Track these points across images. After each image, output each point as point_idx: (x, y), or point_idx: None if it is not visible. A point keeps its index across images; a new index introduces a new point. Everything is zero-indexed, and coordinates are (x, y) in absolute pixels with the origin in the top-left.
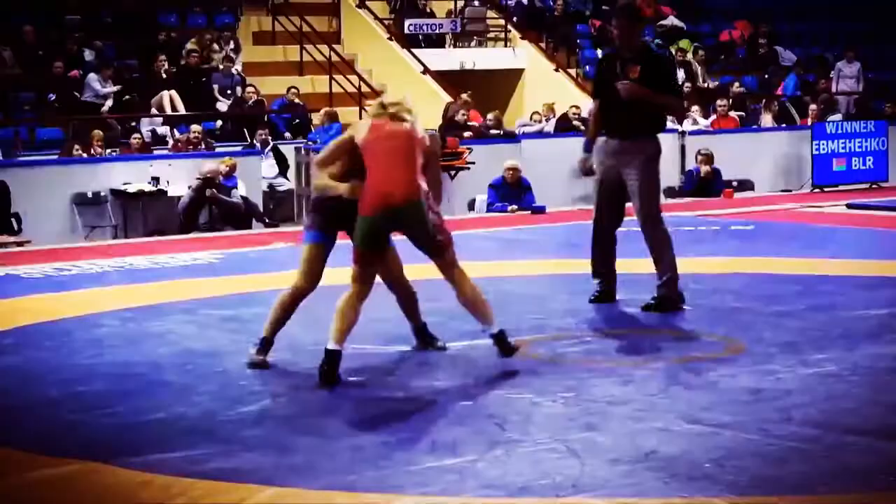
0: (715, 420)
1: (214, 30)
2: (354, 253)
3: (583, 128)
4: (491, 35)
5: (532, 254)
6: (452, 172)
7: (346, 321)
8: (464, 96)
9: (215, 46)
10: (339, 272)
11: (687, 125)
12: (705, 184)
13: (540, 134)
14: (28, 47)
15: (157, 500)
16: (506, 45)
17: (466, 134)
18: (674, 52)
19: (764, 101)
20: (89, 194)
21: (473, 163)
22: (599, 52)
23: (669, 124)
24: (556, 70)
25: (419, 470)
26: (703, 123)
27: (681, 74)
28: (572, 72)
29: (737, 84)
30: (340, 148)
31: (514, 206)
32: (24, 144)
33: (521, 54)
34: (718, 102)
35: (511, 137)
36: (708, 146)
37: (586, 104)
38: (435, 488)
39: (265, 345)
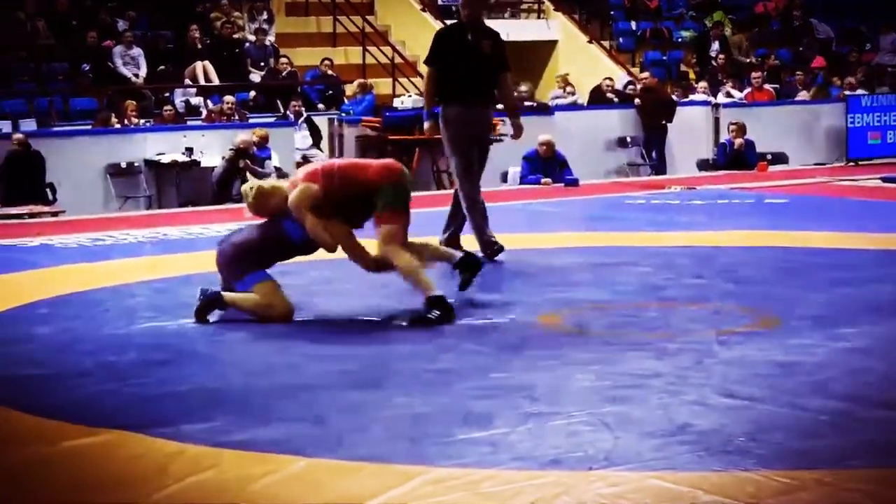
0: (747, 393)
1: (247, 0)
2: (390, 215)
3: (616, 100)
4: (524, 6)
5: (563, 226)
6: None
7: (421, 271)
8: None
9: (236, 14)
10: None
11: (721, 98)
12: (739, 156)
13: (573, 106)
14: (62, 18)
15: (188, 470)
16: (539, 17)
17: (499, 106)
18: (708, 25)
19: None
20: (123, 165)
21: (506, 135)
22: (633, 25)
23: (703, 97)
24: (590, 42)
25: (451, 442)
26: (738, 96)
27: (715, 47)
28: (606, 44)
29: (772, 57)
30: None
31: (548, 179)
32: (58, 115)
33: (554, 26)
34: (753, 75)
35: (544, 110)
36: (742, 119)
37: (620, 76)
38: (467, 460)
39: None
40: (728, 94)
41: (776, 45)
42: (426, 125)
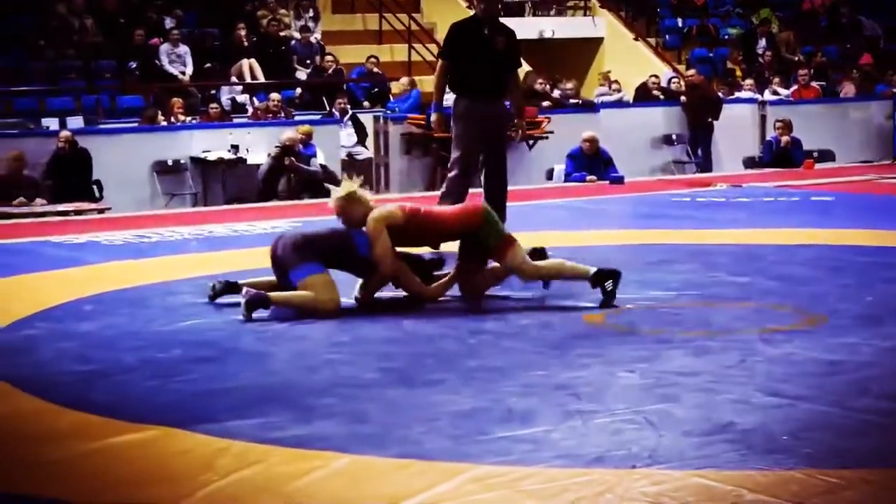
0: (791, 392)
1: None
2: (500, 245)
3: (662, 97)
4: (570, 3)
5: (608, 224)
6: (531, 142)
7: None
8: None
9: (282, 11)
10: None
11: (767, 95)
12: (785, 154)
13: (619, 104)
14: (109, 16)
15: (234, 466)
16: (585, 14)
17: (545, 104)
18: (755, 22)
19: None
20: (169, 162)
21: (552, 132)
22: (679, 22)
23: (749, 94)
24: (636, 39)
25: (493, 439)
26: (784, 93)
27: (762, 44)
28: (651, 41)
29: (819, 54)
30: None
31: (593, 177)
32: (105, 112)
33: (600, 23)
34: (800, 72)
35: (590, 107)
36: (788, 117)
37: (666, 74)
38: (509, 458)
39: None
40: (774, 92)
41: (823, 43)
42: (433, 118)
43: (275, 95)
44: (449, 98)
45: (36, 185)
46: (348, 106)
